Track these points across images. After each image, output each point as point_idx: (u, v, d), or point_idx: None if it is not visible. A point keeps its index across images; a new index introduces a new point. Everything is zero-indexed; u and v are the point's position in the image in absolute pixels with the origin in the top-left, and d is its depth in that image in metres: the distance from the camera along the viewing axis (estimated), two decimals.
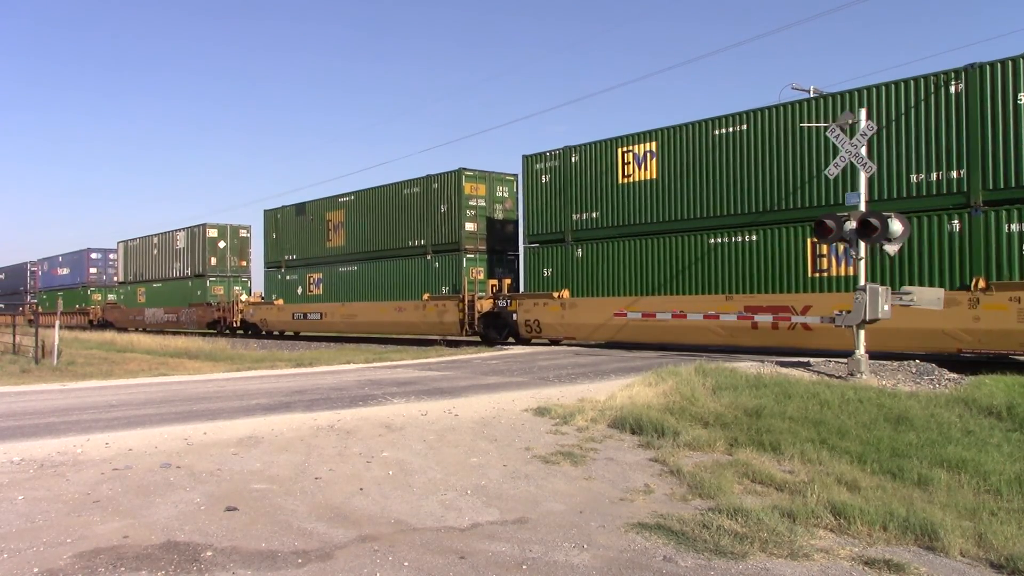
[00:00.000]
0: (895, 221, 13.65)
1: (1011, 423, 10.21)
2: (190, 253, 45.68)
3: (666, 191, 21.78)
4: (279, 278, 37.64)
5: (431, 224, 29.52)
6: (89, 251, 59.73)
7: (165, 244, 48.70)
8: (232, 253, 45.00)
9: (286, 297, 36.81)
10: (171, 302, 46.68)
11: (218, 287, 43.98)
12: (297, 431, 9.24)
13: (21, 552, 5.19)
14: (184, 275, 46.07)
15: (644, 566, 5.21)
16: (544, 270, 24.97)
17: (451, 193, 28.87)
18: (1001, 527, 6.10)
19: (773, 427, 9.50)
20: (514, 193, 29.32)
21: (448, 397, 12.05)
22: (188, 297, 44.94)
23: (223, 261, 44.62)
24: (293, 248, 36.89)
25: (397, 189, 31.13)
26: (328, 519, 6.06)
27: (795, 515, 6.21)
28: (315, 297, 34.98)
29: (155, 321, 48.17)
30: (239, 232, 45.51)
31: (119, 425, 9.62)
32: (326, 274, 34.46)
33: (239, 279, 45.09)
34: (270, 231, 38.84)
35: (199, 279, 44.49)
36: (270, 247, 38.67)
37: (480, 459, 8.14)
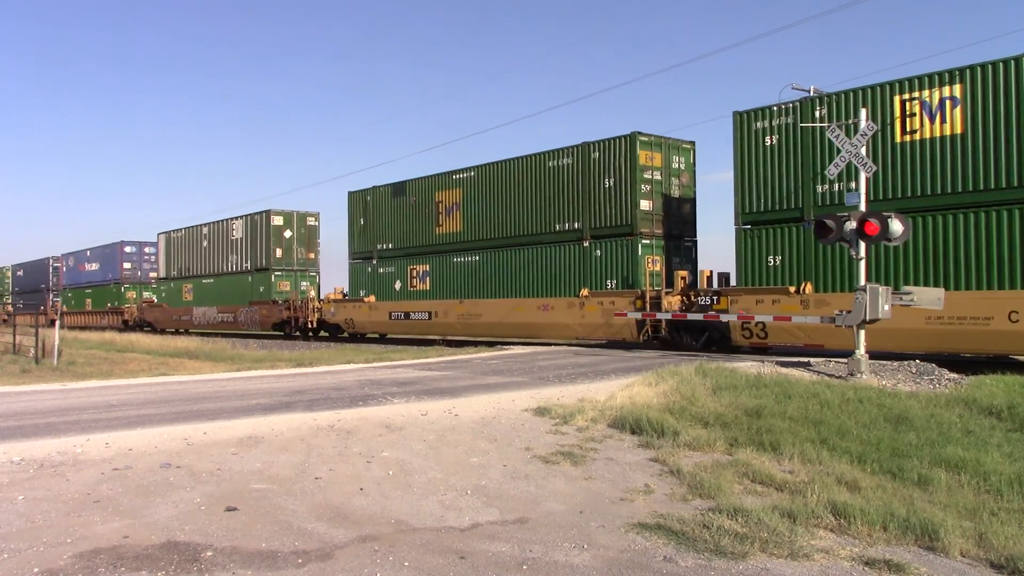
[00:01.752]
0: (895, 221, 13.65)
1: (1011, 423, 10.21)
2: (250, 244, 39.93)
3: (976, 150, 16.23)
4: (368, 271, 32.22)
5: (590, 203, 23.85)
6: (123, 244, 54.16)
7: (218, 234, 42.91)
8: (299, 244, 39.21)
9: (379, 293, 31.48)
10: (226, 300, 41.22)
11: (284, 283, 38.46)
12: (297, 431, 9.23)
13: (21, 552, 5.19)
14: (243, 269, 40.37)
15: (644, 566, 5.20)
16: (770, 258, 19.47)
17: (620, 163, 23.31)
18: (1001, 527, 6.10)
19: (773, 427, 9.50)
20: (691, 165, 24.13)
21: (448, 397, 12.05)
22: (248, 294, 39.49)
23: (289, 253, 38.84)
24: (388, 236, 31.37)
25: (539, 161, 25.51)
26: (328, 519, 6.06)
27: (795, 515, 6.21)
28: (419, 293, 29.66)
29: (206, 322, 42.73)
30: (307, 220, 39.67)
31: (119, 425, 9.62)
32: (435, 266, 29.00)
33: (306, 273, 39.51)
34: (356, 216, 33.11)
35: (262, 273, 38.86)
36: (356, 235, 33.01)
37: (480, 459, 8.14)
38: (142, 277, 53.90)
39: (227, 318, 40.84)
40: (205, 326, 42.78)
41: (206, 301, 43.29)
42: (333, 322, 33.87)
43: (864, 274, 14.61)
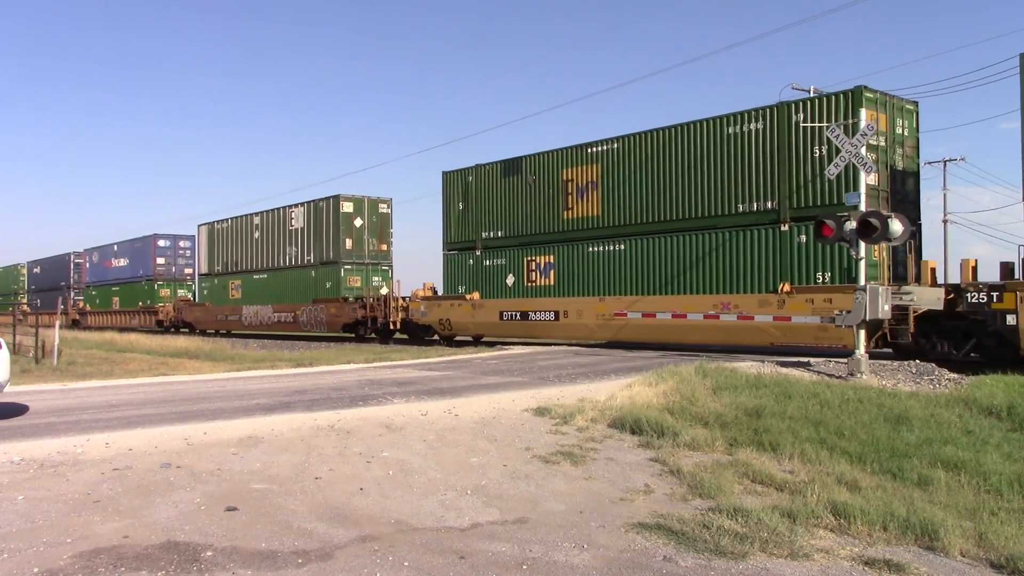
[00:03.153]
0: (895, 221, 13.64)
1: (1011, 423, 10.22)
2: (314, 234, 35.10)
3: None
4: (470, 264, 27.46)
5: (790, 177, 19.28)
6: (156, 237, 49.41)
7: (273, 224, 38.08)
8: (370, 234, 34.31)
9: (485, 289, 26.84)
10: (283, 298, 36.49)
11: (354, 278, 33.66)
12: (297, 431, 9.24)
13: (21, 552, 5.19)
14: (304, 263, 35.66)
15: (644, 566, 5.20)
16: None
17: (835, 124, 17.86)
18: (1001, 527, 6.10)
19: (773, 427, 9.50)
20: (914, 130, 19.41)
21: (448, 397, 12.05)
22: (311, 291, 34.81)
23: (360, 244, 33.88)
24: (497, 222, 26.64)
25: (713, 128, 20.85)
26: (328, 519, 6.06)
27: (795, 515, 6.21)
28: (540, 290, 25.10)
29: (259, 322, 37.97)
30: (378, 206, 34.77)
31: (119, 425, 9.62)
32: (562, 257, 24.48)
33: (378, 267, 34.61)
34: (452, 201, 28.48)
35: (329, 267, 34.00)
36: (453, 222, 28.30)
37: (480, 459, 8.14)
38: (176, 273, 49.54)
39: (284, 318, 36.04)
40: (257, 327, 38.15)
41: (258, 299, 38.41)
42: (423, 323, 29.18)
43: (864, 274, 14.61)
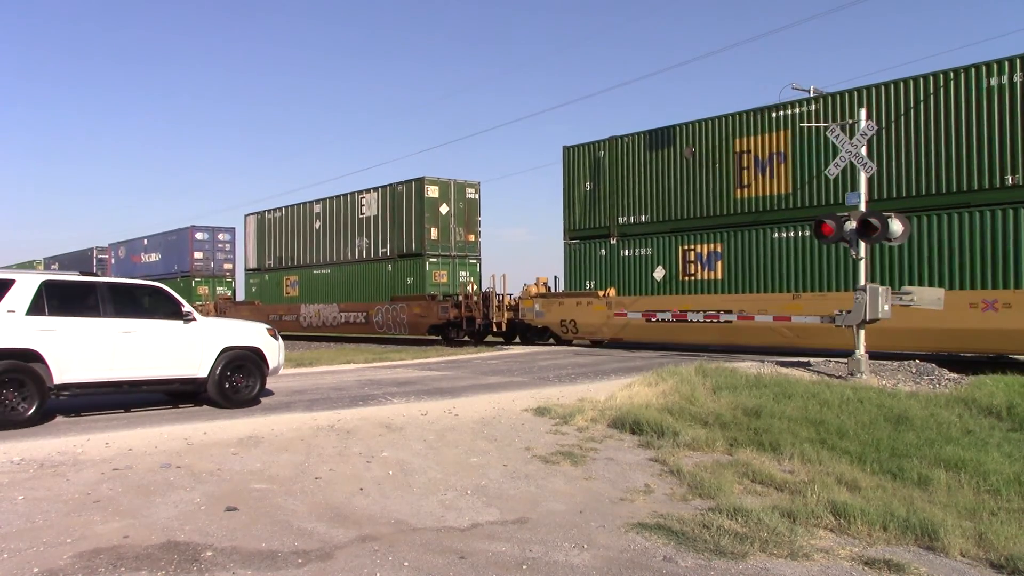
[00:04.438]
0: (895, 221, 13.63)
1: (1011, 423, 10.22)
2: (391, 223, 30.72)
3: None
4: (602, 255, 23.24)
5: None
6: (193, 230, 45.56)
7: (339, 212, 33.67)
8: (457, 222, 29.97)
9: (623, 285, 22.67)
10: (352, 295, 32.41)
11: (440, 272, 29.44)
12: (297, 431, 9.24)
13: (21, 552, 5.19)
14: (378, 255, 31.29)
15: (644, 566, 5.21)
16: None
17: None
18: (1001, 527, 6.10)
19: (773, 427, 9.50)
20: None
21: (448, 397, 12.05)
22: (387, 287, 30.63)
23: (446, 234, 29.58)
24: (639, 204, 22.35)
25: (961, 81, 16.50)
26: (328, 519, 6.06)
27: (795, 515, 6.22)
28: (702, 284, 20.75)
29: (321, 323, 33.49)
30: (466, 191, 30.30)
31: (119, 425, 9.63)
32: (734, 245, 20.09)
33: (465, 260, 30.36)
34: (577, 180, 24.15)
35: (410, 261, 29.67)
36: (579, 206, 23.99)
37: (480, 459, 8.14)
38: (215, 269, 45.73)
39: (354, 318, 31.73)
40: (319, 328, 33.65)
41: (319, 297, 34.16)
42: (540, 324, 24.91)
43: (864, 274, 14.60)
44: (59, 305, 9.86)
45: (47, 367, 9.61)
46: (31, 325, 9.58)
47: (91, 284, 10.44)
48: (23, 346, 9.48)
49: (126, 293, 10.78)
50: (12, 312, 9.50)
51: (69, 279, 10.46)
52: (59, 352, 9.69)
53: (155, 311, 10.80)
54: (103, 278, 11.06)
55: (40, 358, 9.57)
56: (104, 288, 10.42)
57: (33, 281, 9.81)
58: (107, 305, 10.25)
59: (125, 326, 10.27)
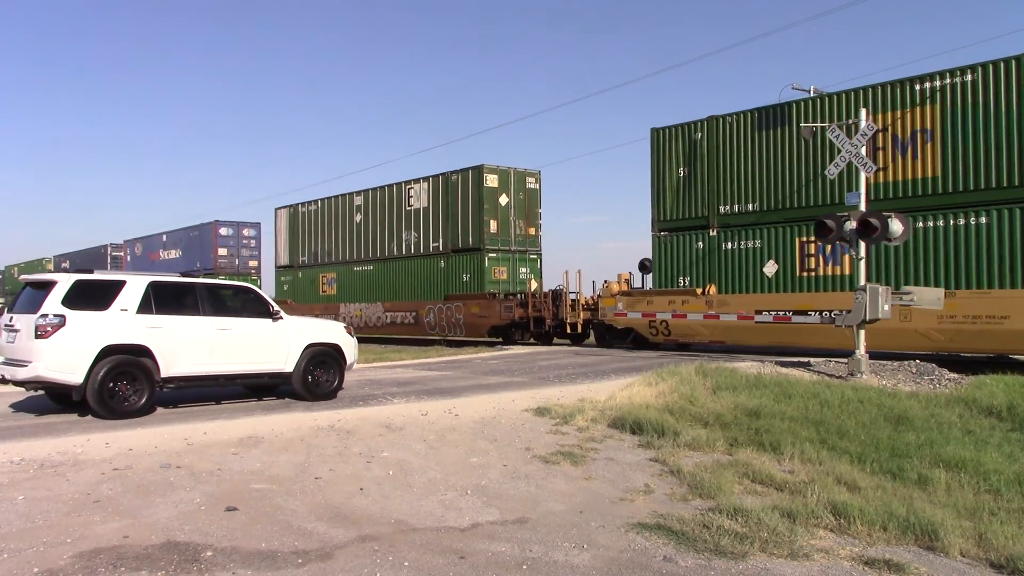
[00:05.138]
0: (895, 221, 13.64)
1: (1011, 423, 10.22)
2: (444, 215, 28.16)
3: None
4: (699, 248, 20.66)
5: None
6: (217, 224, 43.27)
7: (383, 205, 30.90)
8: (517, 214, 27.36)
9: (723, 283, 20.00)
10: (398, 294, 29.98)
11: (499, 268, 26.77)
12: (297, 431, 9.24)
13: (21, 552, 5.19)
14: (429, 251, 28.82)
15: (644, 566, 5.21)
16: None
17: None
18: (1001, 527, 6.10)
19: (773, 427, 9.50)
20: None
21: (448, 397, 12.05)
22: (439, 285, 28.26)
23: (506, 227, 26.95)
24: (743, 191, 19.59)
25: None
26: (328, 519, 6.06)
27: (795, 515, 6.21)
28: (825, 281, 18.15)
29: (363, 323, 30.80)
30: (526, 181, 27.65)
31: (120, 425, 9.63)
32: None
33: (525, 256, 27.59)
34: (667, 164, 21.57)
35: (467, 256, 27.12)
36: (671, 193, 21.41)
37: (480, 459, 8.14)
38: (240, 266, 43.34)
39: (402, 319, 29.44)
40: (361, 330, 30.01)
41: (361, 296, 31.75)
42: (623, 325, 22.18)
43: (864, 274, 14.60)
44: (164, 304, 10.58)
45: (155, 362, 10.34)
46: (141, 323, 10.30)
47: (191, 284, 11.30)
48: (135, 342, 10.21)
49: (221, 293, 11.64)
50: (124, 311, 10.23)
51: (172, 280, 11.30)
52: (165, 348, 10.41)
53: (247, 310, 11.53)
54: (201, 279, 12.03)
55: (149, 353, 10.30)
56: (202, 288, 11.23)
57: (142, 282, 10.56)
58: (205, 304, 10.98)
59: (221, 324, 10.99)
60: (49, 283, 10.22)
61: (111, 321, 10.10)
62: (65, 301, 9.92)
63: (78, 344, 9.82)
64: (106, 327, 10.04)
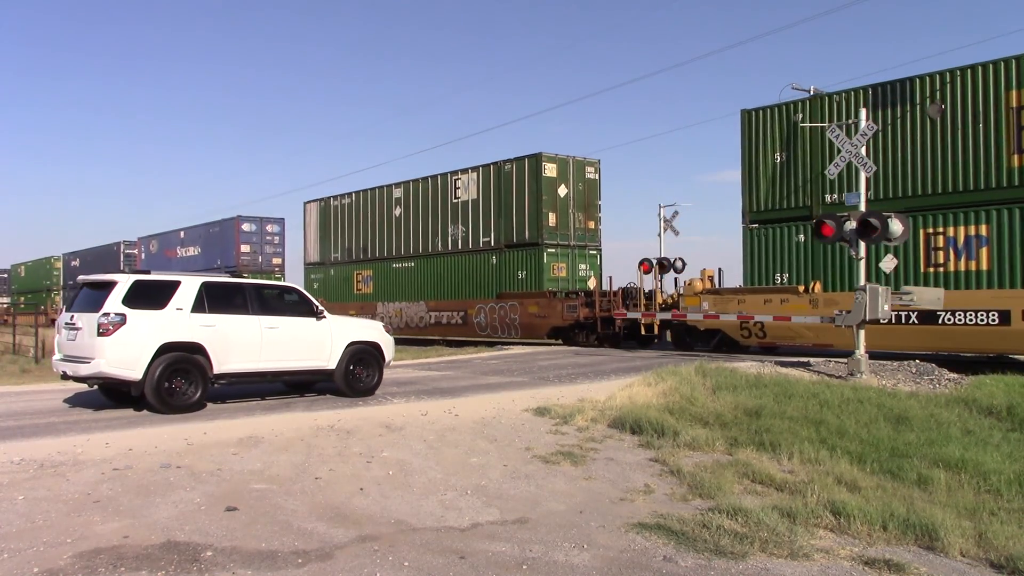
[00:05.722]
0: (895, 221, 13.63)
1: (1011, 423, 10.22)
2: (497, 207, 26.16)
3: None
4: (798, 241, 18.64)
5: None
6: (240, 220, 41.06)
7: (426, 197, 28.99)
8: (576, 207, 25.53)
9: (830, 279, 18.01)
10: (443, 292, 28.10)
11: (559, 265, 25.13)
12: (297, 431, 9.24)
13: (21, 552, 5.19)
14: (478, 246, 26.85)
15: (644, 566, 5.21)
16: None
17: None
18: (1001, 527, 6.10)
19: (773, 427, 9.50)
20: None
21: (448, 397, 12.06)
22: (491, 283, 26.30)
23: (565, 220, 25.23)
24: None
25: None
26: (328, 519, 6.06)
27: (795, 515, 6.22)
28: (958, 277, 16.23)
29: (404, 324, 28.93)
30: (585, 171, 25.77)
31: (119, 425, 9.64)
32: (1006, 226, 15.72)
33: (584, 251, 25.82)
34: (762, 150, 19.51)
35: (523, 251, 25.27)
36: (764, 181, 19.34)
37: (480, 459, 8.15)
38: (263, 263, 41.18)
39: (449, 319, 27.49)
40: (402, 331, 28.58)
41: (401, 294, 29.83)
42: (708, 326, 20.07)
43: (864, 274, 14.60)
44: (216, 304, 11.02)
45: (208, 358, 10.77)
46: (195, 321, 10.74)
47: (240, 285, 11.76)
48: (190, 340, 10.64)
49: (268, 293, 12.16)
50: (180, 310, 10.67)
51: (223, 280, 11.83)
52: (218, 345, 10.83)
53: (292, 309, 11.97)
54: (249, 280, 12.54)
55: (203, 351, 10.73)
56: (250, 288, 11.71)
57: (195, 283, 11.03)
58: (253, 303, 11.43)
59: (269, 322, 11.42)
60: (109, 283, 10.62)
61: (168, 320, 10.53)
62: (125, 300, 10.32)
63: (138, 341, 10.24)
64: (163, 325, 10.47)
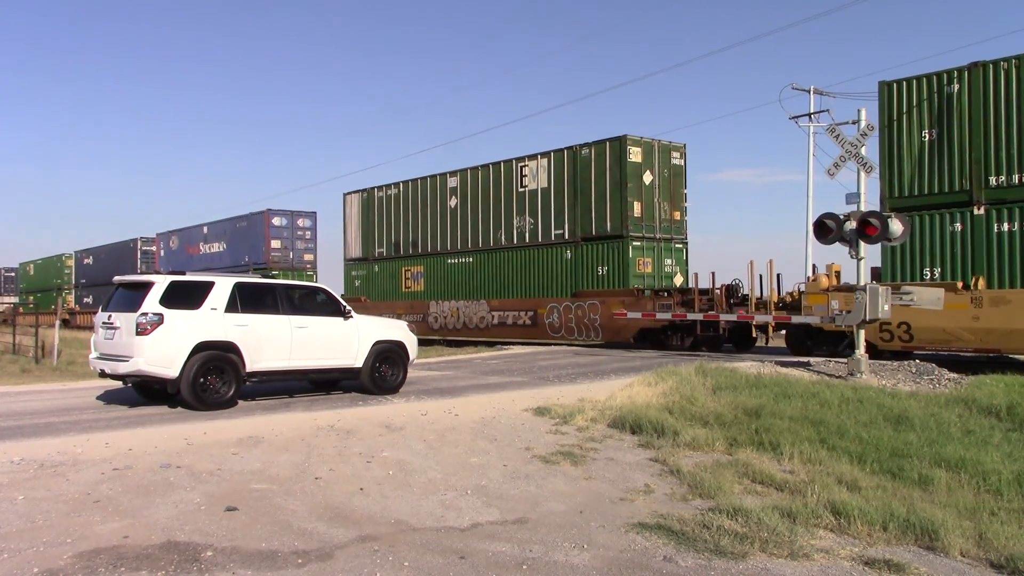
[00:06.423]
0: (895, 221, 13.63)
1: (1011, 423, 10.21)
2: (573, 196, 24.05)
3: None
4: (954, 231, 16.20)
5: None
6: (270, 214, 38.31)
7: (484, 186, 26.71)
8: (661, 195, 23.41)
9: (996, 275, 15.62)
10: (509, 291, 25.73)
11: (644, 260, 22.81)
12: (297, 431, 9.24)
13: (21, 552, 5.19)
14: (550, 239, 24.64)
15: (644, 566, 5.21)
16: None
17: None
18: (1001, 527, 6.10)
19: (773, 427, 9.50)
20: None
21: (448, 397, 12.06)
22: (565, 280, 24.09)
23: (650, 210, 23.06)
24: None
25: None
26: (328, 519, 6.06)
27: (795, 515, 6.22)
28: None
29: (461, 324, 27.00)
30: (671, 156, 23.73)
31: (119, 425, 9.64)
32: None
33: (670, 244, 23.60)
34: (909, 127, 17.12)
35: (603, 244, 23.21)
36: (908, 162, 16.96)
37: (480, 459, 8.14)
38: (295, 260, 38.62)
39: (515, 319, 25.21)
40: (458, 331, 26.98)
41: (456, 292, 27.59)
42: (837, 328, 16.88)
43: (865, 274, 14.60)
44: (248, 304, 11.33)
45: (241, 357, 11.06)
46: (229, 321, 11.05)
47: (271, 285, 12.15)
48: (224, 339, 10.94)
49: (297, 293, 12.50)
50: (214, 310, 10.97)
51: (255, 281, 12.11)
52: (250, 344, 11.14)
53: (320, 309, 12.27)
54: (279, 280, 13.06)
55: (236, 349, 11.03)
56: (280, 289, 12.11)
57: (228, 283, 11.32)
58: (284, 303, 11.78)
59: (299, 322, 11.72)
60: (146, 284, 10.95)
61: (203, 319, 10.82)
62: (162, 300, 10.61)
63: (175, 340, 10.54)
64: (198, 324, 10.77)
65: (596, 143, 23.53)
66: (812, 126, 34.22)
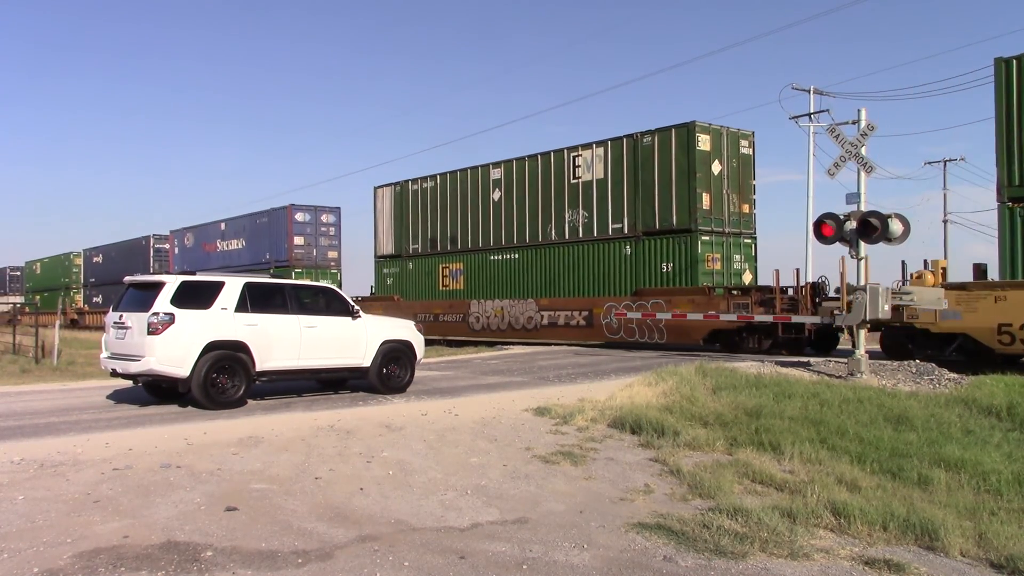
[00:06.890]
0: (895, 221, 13.62)
1: (1011, 423, 10.22)
2: (631, 187, 22.57)
3: None
4: None
5: None
6: (293, 209, 36.72)
7: (532, 177, 25.30)
8: (730, 186, 21.93)
9: None
10: (559, 289, 24.26)
11: (713, 255, 21.40)
12: (297, 431, 9.24)
13: (21, 552, 5.19)
14: (605, 234, 23.17)
15: (644, 566, 5.21)
16: None
17: None
18: (1001, 527, 6.10)
19: (773, 427, 9.50)
20: None
21: (448, 397, 12.06)
22: (624, 278, 22.66)
23: (719, 202, 21.63)
24: None
25: None
26: (328, 519, 6.06)
27: (795, 515, 6.22)
28: None
29: (506, 325, 25.47)
30: (739, 144, 22.30)
31: (119, 425, 9.63)
32: None
33: (739, 239, 22.16)
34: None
35: (668, 239, 21.76)
36: None
37: (480, 459, 8.14)
38: (318, 257, 37.11)
39: (568, 319, 23.64)
40: (502, 333, 25.39)
41: (501, 290, 26.02)
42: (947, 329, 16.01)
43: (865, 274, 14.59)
44: (257, 303, 11.37)
45: (251, 356, 11.10)
46: (239, 321, 11.09)
47: (280, 285, 12.14)
48: (234, 338, 10.98)
49: (305, 293, 12.58)
50: (224, 310, 11.01)
51: (264, 281, 12.20)
52: (260, 343, 11.18)
53: (329, 308, 12.33)
54: (288, 280, 12.99)
55: (246, 349, 11.06)
56: (289, 289, 12.12)
57: (238, 283, 11.37)
58: (293, 303, 11.81)
59: (307, 322, 11.77)
60: (157, 284, 11.01)
61: (213, 319, 10.87)
62: (173, 300, 10.66)
63: (186, 340, 10.59)
64: (209, 324, 10.81)
65: (660, 130, 22.08)
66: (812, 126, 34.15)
